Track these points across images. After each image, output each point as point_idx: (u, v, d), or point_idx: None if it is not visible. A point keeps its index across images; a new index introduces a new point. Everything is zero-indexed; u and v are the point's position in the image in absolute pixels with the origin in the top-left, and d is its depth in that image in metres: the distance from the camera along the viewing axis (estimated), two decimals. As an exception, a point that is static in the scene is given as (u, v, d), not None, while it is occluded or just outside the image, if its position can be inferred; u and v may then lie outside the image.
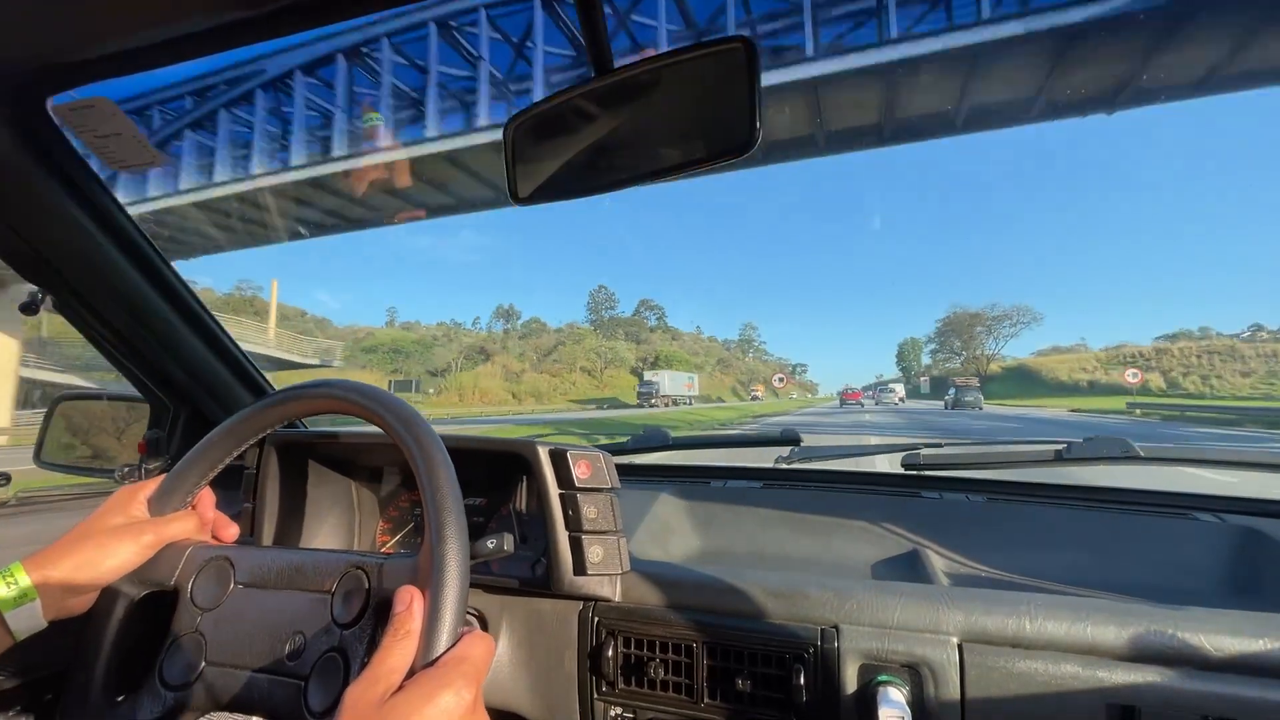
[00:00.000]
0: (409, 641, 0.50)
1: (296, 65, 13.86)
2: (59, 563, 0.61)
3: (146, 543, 0.66)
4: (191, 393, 1.14)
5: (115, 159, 0.85)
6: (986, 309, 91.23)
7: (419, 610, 0.52)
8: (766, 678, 0.76)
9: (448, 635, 0.50)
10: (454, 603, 0.51)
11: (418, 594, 0.53)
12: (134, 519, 0.67)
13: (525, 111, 0.63)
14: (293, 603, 0.62)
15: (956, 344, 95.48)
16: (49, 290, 0.93)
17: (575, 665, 0.84)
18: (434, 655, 0.49)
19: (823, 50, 12.68)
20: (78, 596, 0.62)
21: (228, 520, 0.75)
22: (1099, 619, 0.69)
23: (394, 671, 0.47)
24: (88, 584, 0.62)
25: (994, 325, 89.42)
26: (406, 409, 0.64)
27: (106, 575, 0.63)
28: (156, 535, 0.67)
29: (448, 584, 0.52)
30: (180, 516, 0.69)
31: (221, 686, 0.60)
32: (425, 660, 0.49)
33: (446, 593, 0.51)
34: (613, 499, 0.85)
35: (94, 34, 0.65)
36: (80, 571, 0.62)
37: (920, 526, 1.14)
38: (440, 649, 0.49)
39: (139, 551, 0.65)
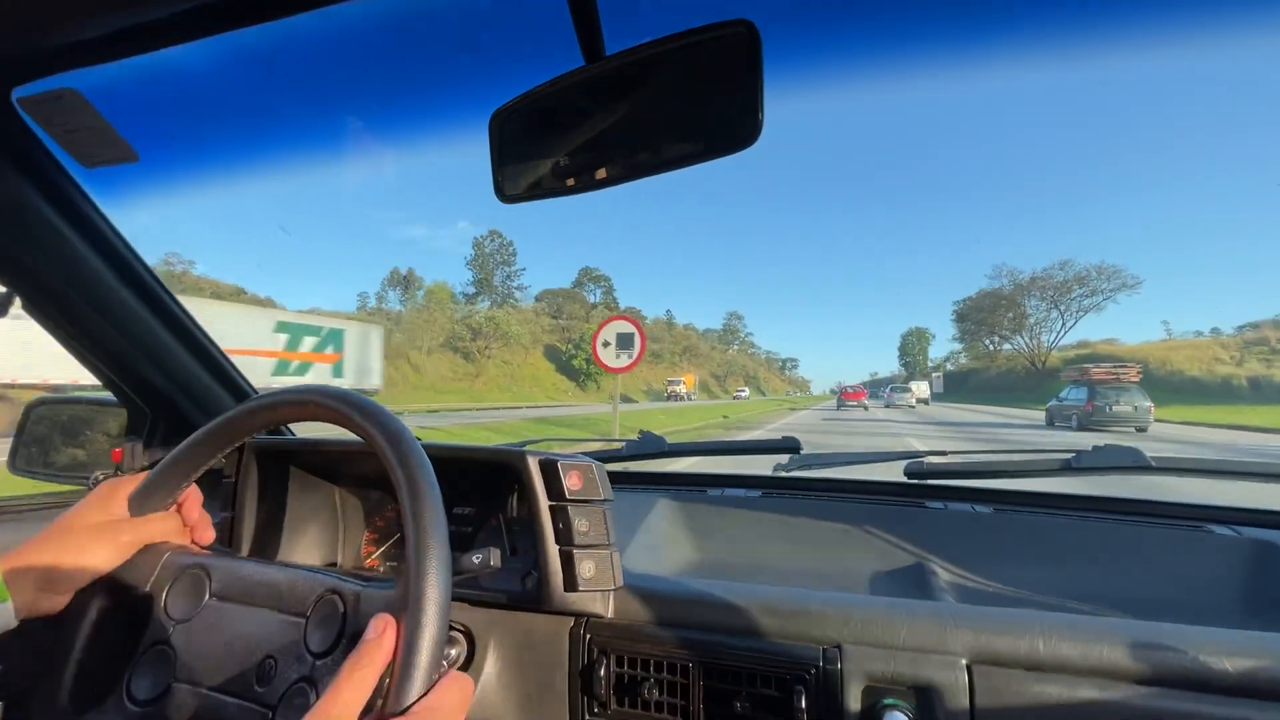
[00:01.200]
0: (369, 673, 0.45)
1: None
2: (32, 560, 0.58)
3: (125, 542, 0.63)
4: (169, 397, 1.10)
5: (86, 154, 0.82)
6: (1051, 270, 59.97)
7: (389, 643, 0.47)
8: (766, 700, 0.73)
9: (422, 682, 0.46)
10: (430, 645, 0.47)
11: (392, 624, 0.49)
12: (113, 517, 0.64)
13: (511, 104, 0.59)
14: (266, 623, 0.59)
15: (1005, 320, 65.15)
16: (18, 291, 0.90)
17: (566, 685, 0.81)
18: (405, 703, 0.45)
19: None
20: (51, 597, 0.59)
21: (209, 523, 0.71)
22: (1115, 640, 0.66)
23: (348, 709, 0.43)
24: (62, 583, 0.59)
25: (1063, 295, 59.53)
26: (394, 423, 0.60)
27: (83, 575, 0.60)
28: (136, 535, 0.64)
29: (425, 623, 0.48)
30: (161, 517, 0.66)
31: (189, 707, 0.57)
32: (395, 708, 0.45)
33: (424, 632, 0.47)
34: (605, 511, 0.82)
35: (58, 21, 0.61)
36: (55, 570, 0.59)
37: (924, 537, 1.11)
38: (412, 696, 0.45)
39: (117, 551, 0.62)
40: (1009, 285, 65.08)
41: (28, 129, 0.78)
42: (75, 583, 0.60)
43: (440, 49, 0.81)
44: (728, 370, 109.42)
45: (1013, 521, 1.11)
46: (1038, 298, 62.15)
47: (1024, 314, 63.86)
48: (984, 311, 69.21)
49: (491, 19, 0.77)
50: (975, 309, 70.88)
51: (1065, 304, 60.24)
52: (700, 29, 0.50)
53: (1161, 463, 1.02)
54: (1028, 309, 63.51)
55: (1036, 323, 63.13)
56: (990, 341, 72.14)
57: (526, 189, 0.64)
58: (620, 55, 0.53)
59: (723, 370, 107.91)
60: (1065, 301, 60.11)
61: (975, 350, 76.84)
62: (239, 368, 1.16)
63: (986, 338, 72.06)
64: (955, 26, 0.83)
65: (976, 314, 70.66)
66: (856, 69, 0.89)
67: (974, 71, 0.92)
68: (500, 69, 0.72)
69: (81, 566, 0.60)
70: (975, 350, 76.84)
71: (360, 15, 0.59)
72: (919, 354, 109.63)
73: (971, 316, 72.01)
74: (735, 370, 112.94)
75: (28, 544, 0.60)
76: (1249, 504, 1.07)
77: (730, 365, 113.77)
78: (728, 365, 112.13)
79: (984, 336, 72.41)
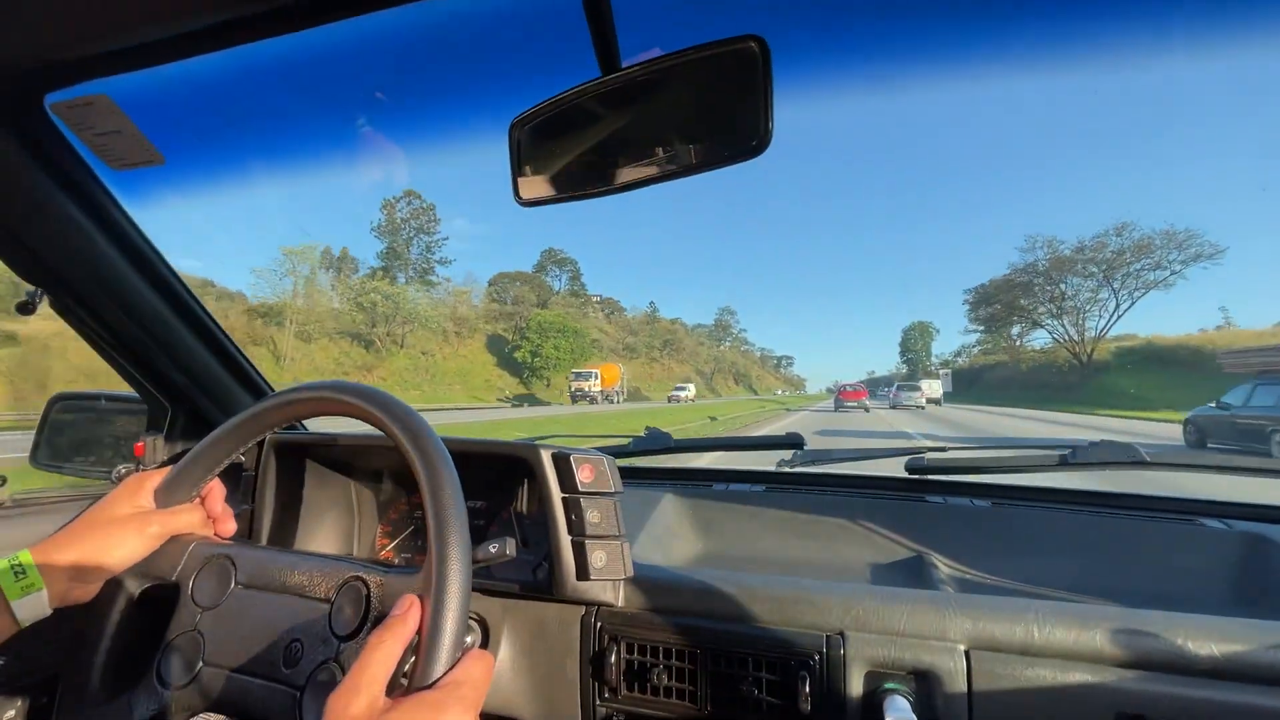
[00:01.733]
0: (394, 646, 0.48)
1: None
2: (65, 551, 0.61)
3: (153, 534, 0.65)
4: (189, 394, 1.12)
5: (115, 157, 0.84)
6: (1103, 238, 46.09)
7: (414, 619, 0.50)
8: (771, 685, 0.75)
9: (447, 657, 0.49)
10: (455, 623, 0.50)
11: (417, 603, 0.51)
12: (141, 509, 0.67)
13: (530, 112, 0.62)
14: (292, 608, 0.61)
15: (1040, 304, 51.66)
16: (46, 290, 0.92)
17: (577, 671, 0.84)
18: (432, 677, 0.48)
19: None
20: (83, 585, 0.62)
21: (231, 515, 0.74)
22: (1108, 626, 0.68)
23: (375, 681, 0.46)
24: (94, 573, 0.62)
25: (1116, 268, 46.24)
26: (413, 416, 0.62)
27: (113, 565, 0.63)
28: (163, 526, 0.66)
29: (449, 602, 0.51)
30: (186, 509, 0.69)
31: (218, 689, 0.59)
32: (423, 682, 0.47)
33: (448, 611, 0.50)
34: (616, 503, 0.84)
35: (93, 31, 0.64)
36: (87, 560, 0.61)
37: (924, 530, 1.13)
38: (439, 670, 0.48)
39: (145, 542, 0.65)
40: (1045, 259, 50.86)
41: (59, 133, 0.80)
42: (105, 573, 0.63)
43: (462, 60, 0.83)
44: (716, 367, 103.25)
45: (1010, 515, 1.13)
46: (1082, 274, 48.57)
47: (1063, 295, 49.81)
48: (1013, 292, 54.82)
49: (512, 32, 0.79)
50: (1001, 290, 57.10)
51: (1122, 279, 46.31)
52: (713, 43, 0.53)
53: (1156, 458, 1.05)
54: (1068, 289, 49.71)
55: (1081, 305, 48.99)
56: (1018, 330, 58.77)
57: (543, 193, 0.66)
58: (635, 67, 0.56)
59: (710, 367, 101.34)
60: (1123, 277, 46.21)
61: (997, 342, 64.13)
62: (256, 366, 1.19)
63: (1016, 324, 58.43)
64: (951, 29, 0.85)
65: (1002, 295, 56.87)
66: (857, 71, 0.91)
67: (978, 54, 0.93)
68: (520, 78, 0.74)
69: (112, 557, 0.63)
70: (997, 342, 64.13)
71: (381, 28, 0.61)
72: (922, 350, 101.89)
73: (998, 298, 57.61)
74: (725, 367, 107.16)
75: (59, 535, 0.62)
76: (1240, 498, 1.09)
77: (720, 362, 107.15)
78: (717, 362, 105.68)
79: (1012, 324, 58.89)
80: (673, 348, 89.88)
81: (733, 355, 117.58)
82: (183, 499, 0.70)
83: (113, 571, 0.63)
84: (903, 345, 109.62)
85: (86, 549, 0.62)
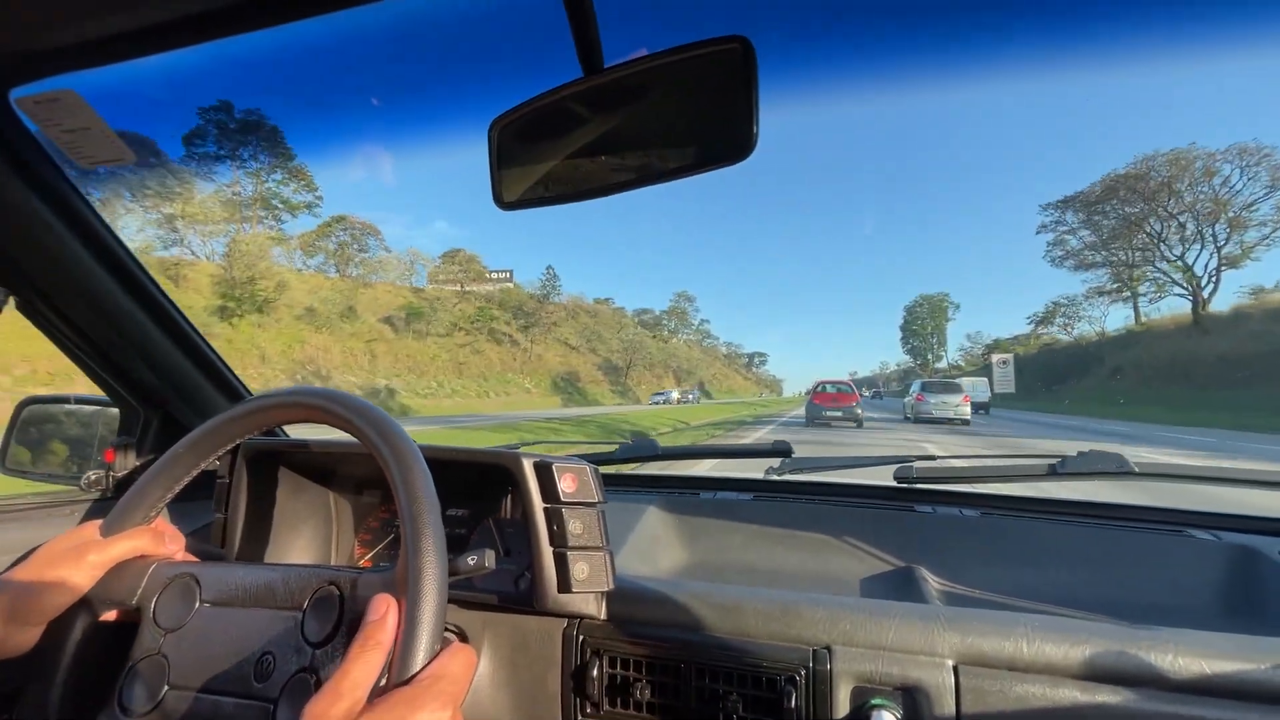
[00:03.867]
0: (377, 654, 0.46)
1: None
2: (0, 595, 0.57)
3: (92, 563, 0.62)
4: (163, 397, 1.10)
5: (84, 154, 0.81)
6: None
7: (393, 622, 0.48)
8: (756, 700, 0.74)
9: (425, 650, 0.47)
10: (432, 615, 0.49)
11: (393, 604, 0.50)
12: (81, 541, 0.63)
13: (510, 113, 0.60)
14: (262, 621, 0.59)
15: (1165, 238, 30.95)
16: (12, 291, 0.89)
17: (559, 685, 0.82)
18: (409, 672, 0.46)
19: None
20: (22, 630, 0.58)
21: (175, 533, 0.70)
22: (1098, 642, 0.67)
23: (358, 687, 0.44)
24: (32, 613, 0.59)
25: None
26: (384, 418, 0.61)
27: (51, 604, 0.59)
28: (102, 555, 0.63)
29: (425, 595, 0.49)
30: (131, 534, 0.65)
31: (185, 711, 0.57)
32: (400, 677, 0.46)
33: (424, 604, 0.49)
34: (599, 514, 0.82)
35: (59, 23, 0.62)
36: (21, 601, 0.58)
37: (913, 540, 1.12)
38: (417, 665, 0.46)
39: (86, 572, 0.61)
40: (1163, 169, 30.28)
41: (25, 130, 0.78)
42: (45, 613, 0.59)
43: (441, 58, 0.81)
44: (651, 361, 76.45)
45: (999, 525, 1.13)
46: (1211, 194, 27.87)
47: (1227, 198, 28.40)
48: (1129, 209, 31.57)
49: (493, 31, 0.78)
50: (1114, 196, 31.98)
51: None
52: (697, 44, 0.51)
53: (1145, 468, 1.04)
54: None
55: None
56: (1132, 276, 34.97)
57: (524, 196, 0.64)
58: (618, 68, 0.54)
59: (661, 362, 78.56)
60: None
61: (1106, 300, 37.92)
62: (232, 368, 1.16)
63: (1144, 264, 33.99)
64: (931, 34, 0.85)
65: (1117, 209, 32.32)
66: (841, 70, 0.91)
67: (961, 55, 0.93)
68: (500, 78, 0.73)
69: (49, 594, 0.59)
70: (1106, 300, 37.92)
71: (360, 24, 0.60)
72: (933, 333, 75.71)
73: (1118, 205, 32.08)
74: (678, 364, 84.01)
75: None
76: (1229, 509, 1.09)
77: (672, 357, 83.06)
78: (667, 357, 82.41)
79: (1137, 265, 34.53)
80: (592, 338, 68.34)
81: (687, 350, 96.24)
82: (139, 522, 0.66)
83: (53, 611, 0.59)
84: (906, 328, 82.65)
85: (21, 590, 0.58)
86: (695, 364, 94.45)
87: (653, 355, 77.14)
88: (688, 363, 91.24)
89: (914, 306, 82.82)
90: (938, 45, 18.11)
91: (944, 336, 75.11)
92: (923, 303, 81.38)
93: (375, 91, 13.22)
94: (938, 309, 78.57)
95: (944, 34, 19.66)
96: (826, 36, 22.26)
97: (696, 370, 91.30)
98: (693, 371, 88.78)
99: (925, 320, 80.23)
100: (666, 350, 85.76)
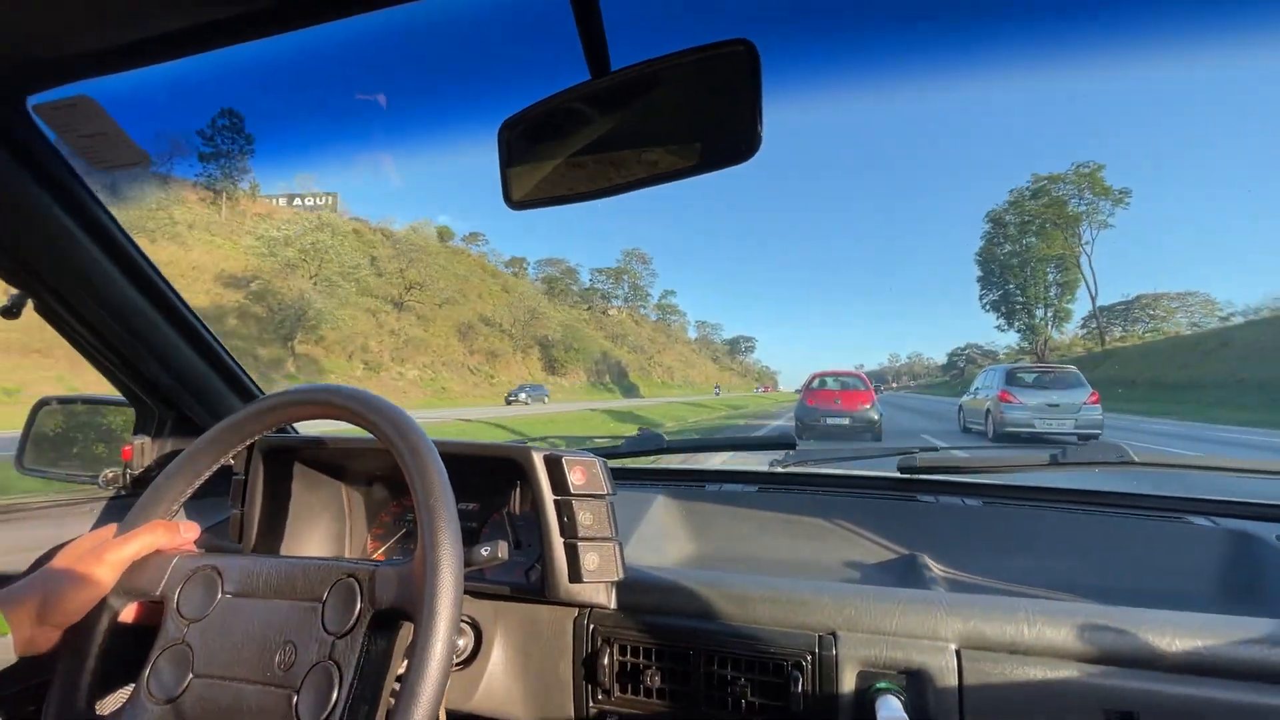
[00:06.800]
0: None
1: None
2: (25, 595, 0.59)
3: (111, 561, 0.64)
4: (177, 397, 1.11)
5: (99, 159, 0.83)
6: None
7: None
8: (764, 685, 0.76)
9: (443, 641, 0.50)
10: (449, 607, 0.52)
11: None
12: (101, 540, 0.65)
13: (520, 114, 0.62)
14: (283, 612, 0.61)
15: None
16: (30, 294, 0.91)
17: (570, 673, 0.84)
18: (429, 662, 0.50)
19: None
20: (48, 631, 0.61)
21: (190, 523, 0.73)
22: (1096, 625, 0.69)
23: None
24: (56, 613, 0.61)
25: None
26: (400, 415, 0.63)
27: (76, 607, 0.61)
28: (120, 552, 0.65)
29: (442, 588, 0.52)
30: (146, 529, 0.67)
31: (210, 698, 0.59)
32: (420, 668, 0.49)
33: (441, 597, 0.52)
34: (608, 505, 0.84)
35: (76, 31, 0.63)
36: (49, 605, 0.60)
37: (916, 530, 1.14)
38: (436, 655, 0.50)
39: (107, 572, 0.63)
40: None
41: (42, 135, 0.79)
42: (71, 612, 0.61)
43: (451, 62, 0.83)
44: (568, 341, 49.39)
45: (1001, 514, 1.14)
46: None
47: None
48: None
49: (502, 34, 0.79)
50: None
51: None
52: (702, 47, 0.53)
53: (1144, 458, 1.06)
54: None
55: None
56: None
57: (533, 195, 0.66)
58: (625, 70, 0.56)
59: (560, 338, 48.84)
60: None
61: None
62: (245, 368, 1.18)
63: None
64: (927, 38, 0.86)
65: None
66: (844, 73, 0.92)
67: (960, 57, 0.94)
68: (510, 81, 0.74)
69: (75, 594, 0.61)
70: None
71: (371, 30, 0.61)
72: (1055, 264, 38.18)
73: None
74: (594, 344, 56.65)
75: (21, 582, 0.61)
76: (1226, 496, 1.11)
77: (573, 334, 50.82)
78: (573, 336, 51.42)
79: None
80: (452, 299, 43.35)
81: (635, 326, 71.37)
82: (163, 516, 0.69)
83: (81, 611, 0.62)
84: (986, 258, 43.50)
85: (50, 594, 0.60)
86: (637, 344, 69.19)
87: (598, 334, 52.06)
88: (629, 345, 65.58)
89: (1015, 209, 40.75)
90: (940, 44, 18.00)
91: (1076, 269, 33.59)
92: (1041, 191, 38.34)
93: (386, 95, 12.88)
94: (1061, 211, 35.69)
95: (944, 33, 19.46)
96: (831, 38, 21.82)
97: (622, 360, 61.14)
98: (615, 360, 58.48)
99: (1035, 236, 38.44)
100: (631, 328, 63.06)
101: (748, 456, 2.93)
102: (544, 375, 44.63)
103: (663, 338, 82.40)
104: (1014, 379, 11.39)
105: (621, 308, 77.42)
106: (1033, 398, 10.76)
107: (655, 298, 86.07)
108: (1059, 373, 11.59)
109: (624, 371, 60.67)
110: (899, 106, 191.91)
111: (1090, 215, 40.82)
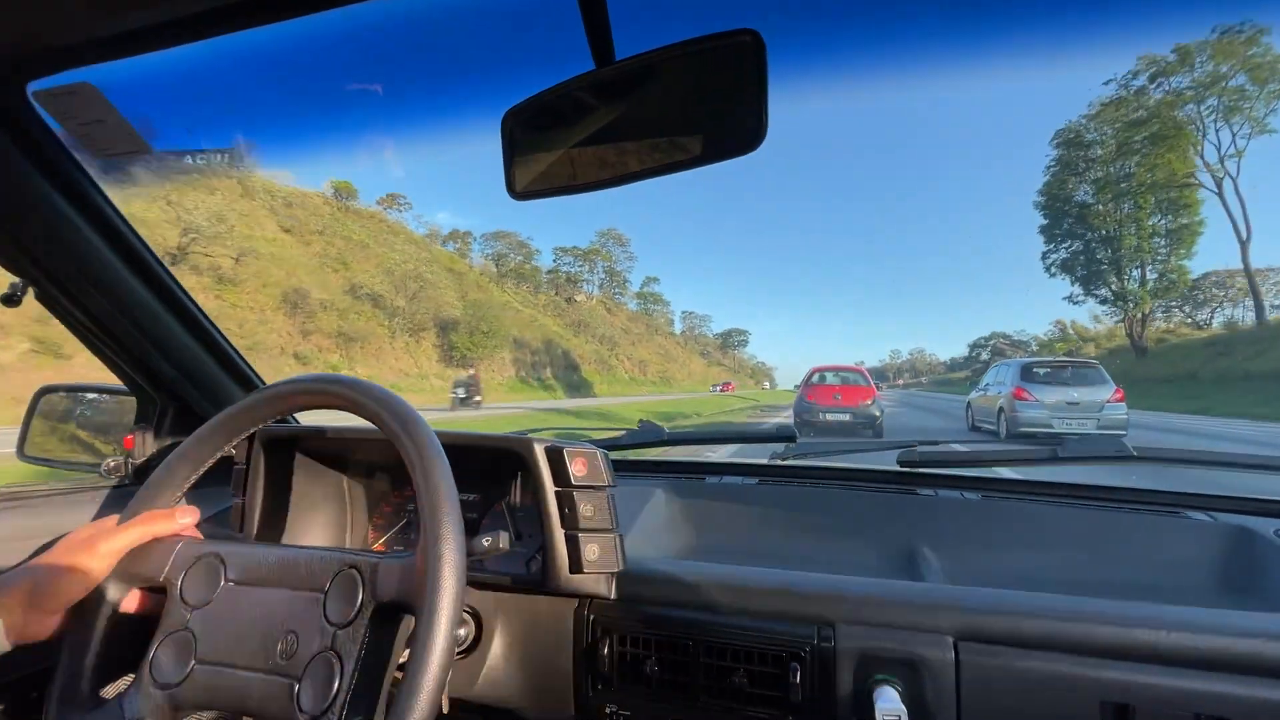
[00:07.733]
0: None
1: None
2: (18, 583, 0.59)
3: (105, 551, 0.63)
4: (178, 386, 1.12)
5: (100, 146, 0.83)
6: None
7: None
8: (763, 676, 0.76)
9: (444, 633, 0.51)
10: (451, 598, 0.52)
11: None
12: (98, 530, 0.65)
13: (523, 104, 0.61)
14: (285, 601, 0.61)
15: None
16: (30, 281, 0.91)
17: (571, 663, 0.84)
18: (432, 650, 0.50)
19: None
20: (41, 618, 0.61)
21: (188, 508, 0.72)
22: (1093, 617, 0.69)
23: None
24: (49, 600, 0.61)
25: None
26: (403, 406, 0.63)
27: (67, 595, 0.61)
28: (115, 542, 0.64)
29: (445, 580, 0.52)
30: (142, 519, 0.67)
31: (212, 685, 0.59)
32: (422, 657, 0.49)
33: (444, 588, 0.52)
34: (609, 496, 0.84)
35: (77, 18, 0.63)
36: (38, 592, 0.60)
37: (916, 523, 1.14)
38: (438, 645, 0.50)
39: (101, 561, 0.63)
40: None
41: (43, 122, 0.79)
42: (62, 600, 0.61)
43: (455, 51, 0.82)
44: (473, 324, 35.48)
45: (1000, 508, 1.15)
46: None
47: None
48: None
49: (506, 23, 0.78)
50: None
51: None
52: (708, 37, 0.52)
53: (1143, 452, 1.06)
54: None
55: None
56: None
57: (536, 186, 0.66)
58: (629, 60, 0.55)
59: (464, 319, 35.11)
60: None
61: None
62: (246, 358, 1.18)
63: None
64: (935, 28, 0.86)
65: None
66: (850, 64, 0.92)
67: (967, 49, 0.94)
68: (514, 70, 0.74)
69: (65, 582, 0.61)
70: None
71: (373, 18, 0.61)
72: (1161, 195, 26.78)
73: None
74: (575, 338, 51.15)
75: (12, 570, 0.61)
76: (1225, 490, 1.11)
77: (482, 315, 36.41)
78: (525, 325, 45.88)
79: None
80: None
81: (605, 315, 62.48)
82: (167, 503, 0.69)
83: (72, 599, 0.62)
84: (1051, 195, 33.29)
85: (39, 581, 0.60)
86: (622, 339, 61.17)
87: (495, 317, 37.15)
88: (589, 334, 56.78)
89: (1107, 116, 30.90)
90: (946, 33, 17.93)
91: (1195, 209, 27.11)
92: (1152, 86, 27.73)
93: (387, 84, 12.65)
94: (1170, 127, 27.30)
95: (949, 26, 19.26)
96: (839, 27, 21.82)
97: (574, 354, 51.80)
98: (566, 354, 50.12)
99: (1139, 155, 28.96)
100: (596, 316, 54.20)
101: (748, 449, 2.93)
102: (438, 368, 32.71)
103: (640, 328, 73.66)
104: (1030, 374, 10.37)
105: (593, 294, 68.29)
106: (1050, 395, 9.77)
107: (636, 285, 77.77)
108: (1079, 368, 10.65)
109: (573, 365, 50.28)
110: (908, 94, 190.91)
111: (1239, 110, 25.82)
